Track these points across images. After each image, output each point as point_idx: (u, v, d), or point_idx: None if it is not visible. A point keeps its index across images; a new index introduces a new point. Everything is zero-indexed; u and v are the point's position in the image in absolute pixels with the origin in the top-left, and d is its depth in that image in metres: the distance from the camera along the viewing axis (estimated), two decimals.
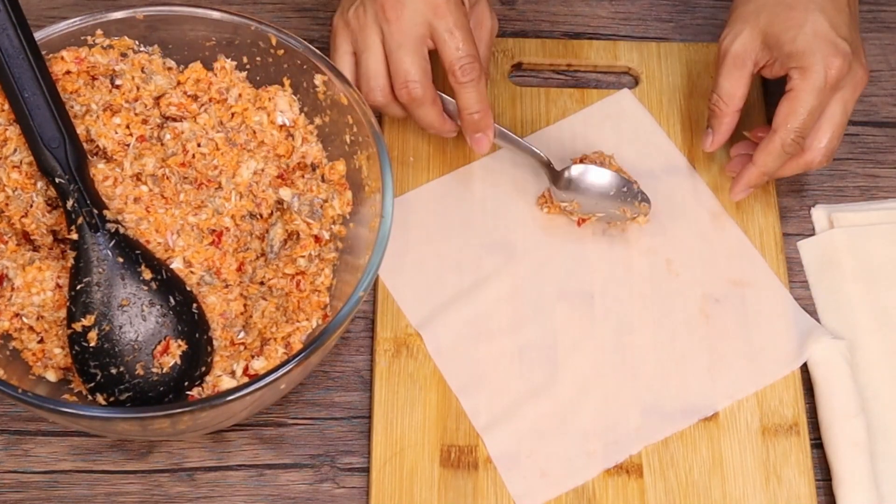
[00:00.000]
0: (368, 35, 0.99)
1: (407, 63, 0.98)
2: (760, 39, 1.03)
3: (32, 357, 0.95)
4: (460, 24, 0.98)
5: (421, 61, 0.99)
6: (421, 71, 0.99)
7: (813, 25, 1.01)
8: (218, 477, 0.99)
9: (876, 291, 1.07)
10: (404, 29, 0.98)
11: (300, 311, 0.96)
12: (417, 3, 0.97)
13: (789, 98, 1.01)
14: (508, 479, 0.98)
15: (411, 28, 0.98)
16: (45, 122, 0.93)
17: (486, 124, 1.03)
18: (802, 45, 1.00)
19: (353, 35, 1.00)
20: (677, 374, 1.02)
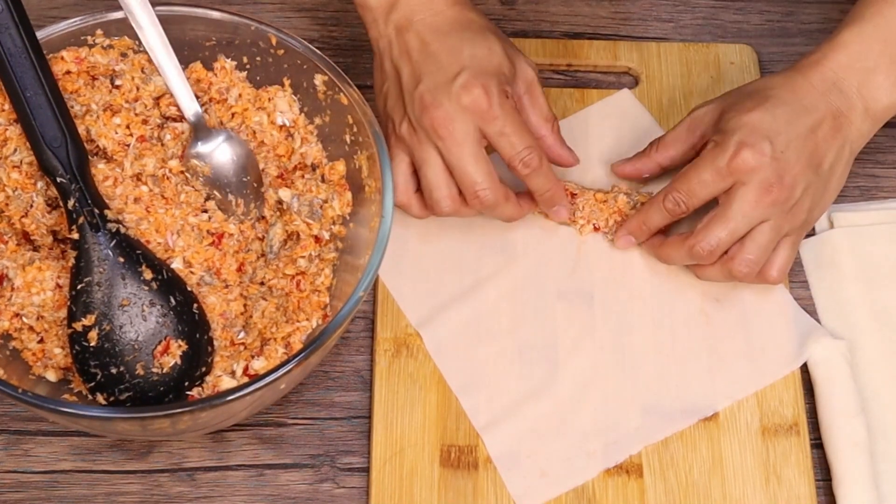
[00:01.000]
0: (425, 150, 1.00)
1: (471, 173, 0.99)
2: (719, 112, 1.02)
3: (32, 357, 0.95)
4: (509, 121, 0.99)
5: (484, 166, 1.00)
6: (486, 176, 1.00)
7: (757, 117, 0.99)
8: (218, 477, 0.99)
9: (876, 291, 1.07)
10: (459, 142, 0.99)
11: (300, 311, 0.96)
12: (465, 115, 0.98)
13: (690, 164, 1.01)
14: (508, 479, 0.98)
15: (465, 138, 0.99)
16: (47, 121, 0.93)
17: (559, 198, 1.05)
18: (733, 126, 0.99)
19: (408, 149, 1.01)
20: (677, 374, 1.02)
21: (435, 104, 0.98)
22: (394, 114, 1.02)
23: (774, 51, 1.18)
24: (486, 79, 0.98)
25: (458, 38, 1.00)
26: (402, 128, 1.01)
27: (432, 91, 0.99)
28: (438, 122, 0.98)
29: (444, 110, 0.98)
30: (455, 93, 0.98)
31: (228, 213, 0.99)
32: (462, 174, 0.99)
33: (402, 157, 1.02)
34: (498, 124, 0.98)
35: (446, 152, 0.99)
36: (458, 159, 0.99)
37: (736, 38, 1.19)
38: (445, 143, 0.98)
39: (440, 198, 1.01)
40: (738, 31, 1.20)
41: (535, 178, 1.01)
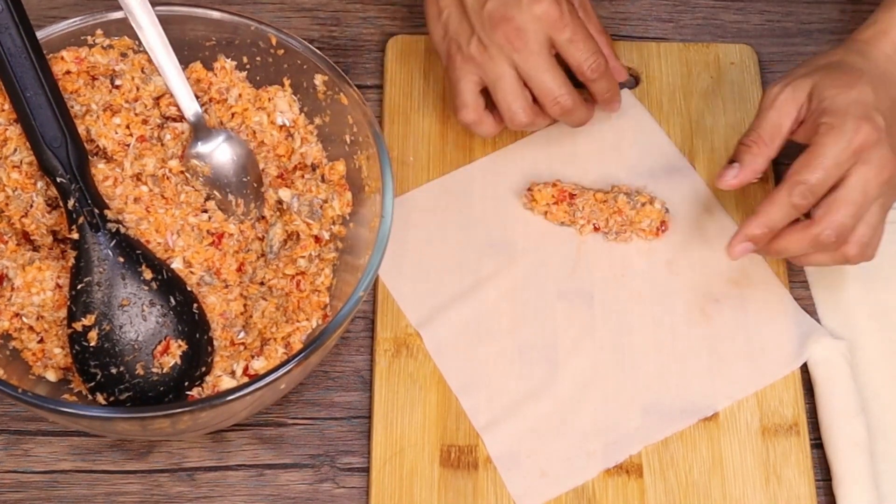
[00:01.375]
0: (498, 65, 1.02)
1: (549, 82, 1.02)
2: (808, 91, 0.99)
3: (32, 357, 0.95)
4: (578, 29, 1.02)
5: (559, 75, 1.03)
6: (563, 83, 1.03)
7: (858, 92, 0.97)
8: (218, 477, 0.99)
9: (876, 291, 1.07)
10: (534, 51, 1.01)
11: (300, 311, 0.96)
12: (536, 24, 1.01)
13: (808, 151, 0.97)
14: (508, 479, 0.98)
15: (539, 48, 1.02)
16: (47, 121, 0.93)
17: (617, 92, 1.08)
18: (841, 104, 0.97)
19: (478, 68, 1.03)
20: (677, 374, 1.02)
21: (507, 17, 1.00)
22: (459, 36, 1.03)
23: (774, 51, 1.18)
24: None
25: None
26: (472, 47, 1.02)
27: (502, 6, 1.01)
28: (512, 34, 1.00)
29: (517, 22, 1.00)
30: (526, 5, 1.00)
31: (228, 213, 0.99)
32: (540, 83, 1.02)
33: (470, 77, 1.03)
34: (568, 32, 1.01)
35: (522, 62, 1.01)
36: (534, 69, 1.02)
37: (736, 38, 1.19)
38: (521, 54, 1.01)
39: (518, 108, 1.03)
40: (738, 31, 1.20)
41: (601, 81, 1.05)
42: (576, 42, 1.02)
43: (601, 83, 1.05)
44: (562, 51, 1.03)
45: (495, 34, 1.01)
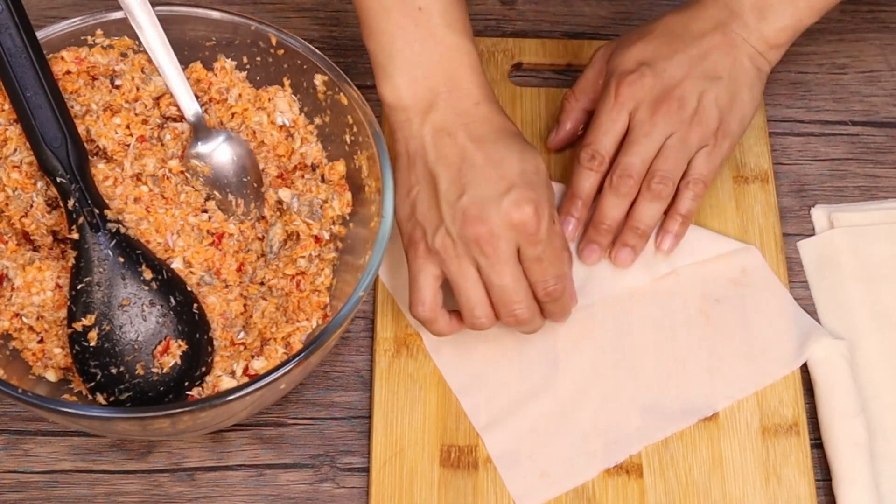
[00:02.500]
0: (464, 264, 0.95)
1: (510, 292, 0.96)
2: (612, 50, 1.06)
3: (32, 357, 0.95)
4: (549, 249, 0.96)
5: (523, 286, 0.96)
6: (525, 294, 0.96)
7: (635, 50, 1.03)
8: (218, 477, 0.99)
9: (876, 291, 1.07)
10: (503, 260, 0.94)
11: (300, 311, 0.96)
12: (511, 233, 0.94)
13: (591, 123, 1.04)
14: (508, 479, 0.98)
15: (508, 257, 0.95)
16: (47, 121, 0.93)
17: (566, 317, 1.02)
18: (615, 65, 1.04)
19: (442, 262, 0.95)
20: (677, 374, 1.02)
21: (481, 218, 0.93)
22: (426, 222, 0.96)
23: None
24: (538, 198, 0.94)
25: (504, 148, 0.95)
26: (437, 239, 0.95)
27: (479, 204, 0.94)
28: (484, 238, 0.93)
29: (491, 226, 0.93)
30: (505, 209, 0.93)
31: (228, 213, 0.99)
32: (501, 292, 0.96)
33: (431, 270, 0.97)
34: (539, 249, 0.95)
35: (488, 268, 0.95)
36: (499, 277, 0.95)
37: None
38: (489, 259, 0.94)
39: (481, 315, 0.97)
40: None
41: (552, 307, 0.99)
42: (541, 262, 0.95)
43: (552, 307, 0.99)
44: (525, 263, 0.95)
45: (466, 232, 0.94)
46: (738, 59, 1.02)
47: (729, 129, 1.02)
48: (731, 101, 1.02)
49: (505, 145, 0.96)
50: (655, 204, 1.03)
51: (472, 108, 0.96)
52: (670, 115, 1.01)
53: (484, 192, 0.94)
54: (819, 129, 1.15)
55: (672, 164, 1.02)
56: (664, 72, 1.02)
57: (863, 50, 1.19)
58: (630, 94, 1.02)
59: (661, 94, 1.01)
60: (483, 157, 0.95)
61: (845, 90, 1.17)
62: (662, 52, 1.02)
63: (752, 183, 1.11)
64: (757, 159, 1.12)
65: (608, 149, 1.03)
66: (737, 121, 1.03)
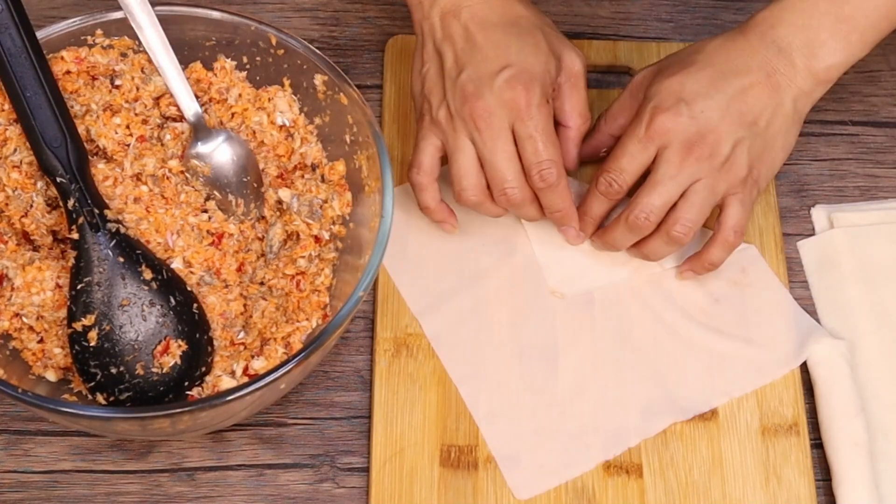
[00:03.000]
0: (460, 138, 0.99)
1: (502, 169, 0.99)
2: (651, 78, 1.03)
3: (32, 357, 0.95)
4: (541, 127, 0.98)
5: (515, 165, 0.99)
6: (517, 174, 0.99)
7: (673, 82, 1.00)
8: (218, 477, 0.99)
9: (876, 291, 1.07)
10: (495, 135, 0.98)
11: (300, 311, 0.96)
12: (503, 109, 0.98)
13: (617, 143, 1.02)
14: (506, 471, 0.98)
15: (500, 133, 0.98)
16: (47, 121, 0.93)
17: (570, 219, 1.04)
18: (651, 94, 1.01)
19: (442, 134, 1.01)
20: (677, 374, 1.02)
21: (476, 95, 0.98)
22: (431, 96, 1.01)
23: None
24: (530, 78, 0.98)
25: (504, 32, 1.00)
26: (440, 112, 1.00)
27: (475, 81, 0.98)
28: (478, 113, 0.98)
29: (485, 102, 0.98)
30: (498, 87, 0.98)
31: (228, 213, 0.99)
32: (493, 169, 0.99)
33: (432, 140, 1.01)
34: (530, 126, 0.98)
35: (481, 144, 0.99)
36: (491, 153, 0.99)
37: None
38: (482, 135, 0.98)
39: (468, 186, 1.00)
40: None
41: (549, 194, 1.01)
42: (533, 139, 0.98)
43: (550, 196, 1.01)
44: (519, 144, 0.99)
45: (463, 108, 0.99)
46: (780, 103, 0.99)
47: (758, 177, 1.01)
48: (764, 150, 1.00)
49: (508, 29, 1.00)
50: (672, 247, 1.02)
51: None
52: (701, 161, 0.98)
53: (480, 71, 0.99)
54: (819, 129, 1.15)
55: (696, 213, 1.00)
56: (701, 113, 0.98)
57: None
58: (663, 130, 0.98)
59: (695, 136, 0.98)
60: (483, 38, 1.00)
61: (845, 90, 1.17)
62: (702, 91, 0.99)
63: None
64: None
65: (628, 180, 1.01)
66: (766, 168, 1.01)
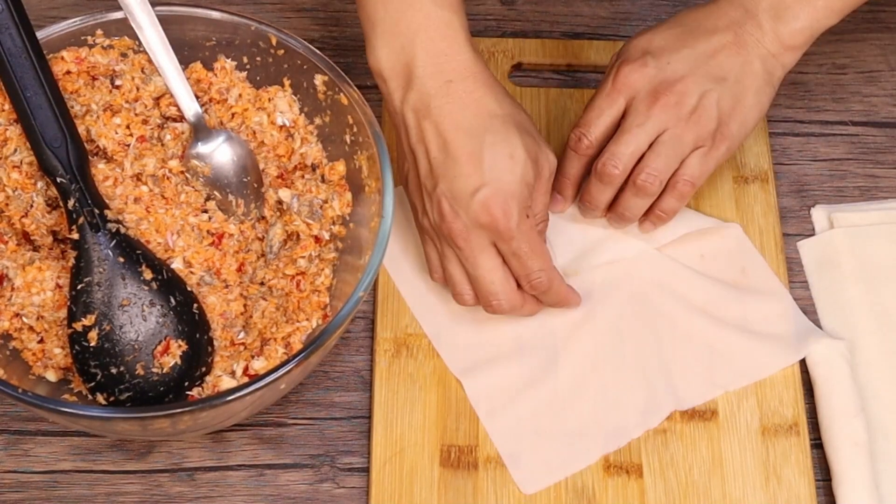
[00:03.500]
0: (446, 248, 0.99)
1: (487, 284, 0.98)
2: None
3: (32, 357, 0.95)
4: (524, 243, 0.97)
5: (499, 276, 0.98)
6: (501, 285, 0.98)
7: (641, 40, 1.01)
8: (218, 477, 0.99)
9: (876, 291, 1.07)
10: (476, 254, 0.97)
11: (300, 311, 0.96)
12: (481, 231, 0.96)
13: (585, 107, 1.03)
14: (511, 465, 0.98)
15: (481, 251, 0.97)
16: (47, 121, 0.93)
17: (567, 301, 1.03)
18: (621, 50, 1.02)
19: (431, 239, 1.00)
20: (676, 374, 1.02)
21: (452, 215, 0.96)
22: (415, 201, 1.00)
23: None
24: (506, 198, 0.95)
25: (478, 140, 0.95)
26: (424, 221, 1.00)
27: (450, 200, 0.96)
28: (456, 233, 0.96)
29: (462, 223, 0.96)
30: (474, 210, 0.95)
31: (228, 213, 0.99)
32: (478, 283, 0.99)
33: (430, 244, 1.01)
34: (513, 245, 0.97)
35: (464, 260, 0.98)
36: (473, 268, 0.98)
37: None
38: (463, 252, 0.97)
39: (462, 293, 1.00)
40: None
41: (545, 297, 1.01)
42: (519, 256, 0.97)
43: (546, 298, 1.01)
44: (506, 259, 0.98)
45: (441, 227, 0.97)
46: (748, 61, 1.00)
47: (728, 133, 1.00)
48: (734, 105, 1.00)
49: (483, 138, 0.95)
50: (641, 199, 1.02)
51: (445, 87, 0.95)
52: (667, 109, 0.99)
53: (455, 188, 0.95)
54: (819, 129, 1.15)
55: (662, 162, 1.00)
56: (667, 64, 1.00)
57: (863, 50, 1.19)
58: (629, 81, 1.00)
59: (661, 85, 0.99)
60: (458, 149, 0.95)
61: (845, 90, 1.17)
62: (669, 45, 1.01)
63: (752, 183, 1.11)
64: (757, 159, 1.12)
65: (597, 134, 1.01)
66: (737, 125, 1.01)
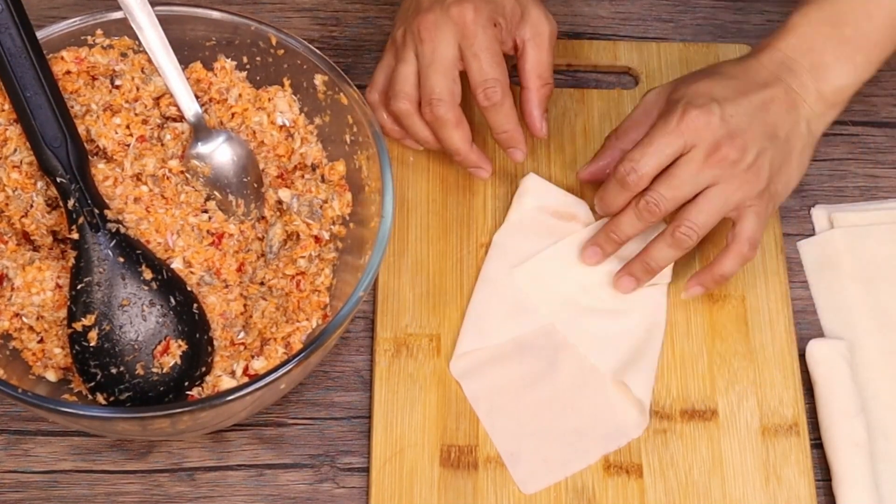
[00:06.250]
0: (406, 51, 1.02)
1: (433, 81, 1.00)
2: (668, 92, 1.02)
3: (32, 357, 0.95)
4: (485, 46, 1.00)
5: (449, 82, 1.01)
6: (447, 91, 1.01)
7: (701, 85, 0.99)
8: (218, 477, 0.99)
9: (876, 291, 1.07)
10: (436, 49, 1.00)
11: (300, 311, 0.96)
12: (448, 24, 1.00)
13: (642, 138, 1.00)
14: (511, 465, 0.98)
15: (442, 48, 1.00)
16: (47, 121, 0.93)
17: (517, 140, 1.04)
18: (680, 95, 0.99)
19: (395, 52, 1.03)
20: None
21: (428, 9, 1.00)
22: (397, 22, 1.04)
23: None
24: (480, 1, 1.00)
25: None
26: (397, 32, 1.03)
27: (430, 2, 1.01)
28: (424, 24, 1.00)
29: (434, 15, 1.00)
30: (448, 4, 1.00)
31: (229, 213, 0.99)
32: (426, 79, 1.01)
33: (387, 60, 1.04)
34: (474, 45, 1.00)
35: (421, 56, 1.01)
36: (428, 64, 1.00)
37: (736, 38, 1.19)
38: (424, 46, 1.00)
39: (401, 91, 1.02)
40: (738, 31, 1.20)
41: (495, 112, 1.02)
42: (478, 58, 1.00)
43: (496, 115, 1.01)
44: (465, 63, 1.01)
45: (413, 21, 1.01)
46: (796, 121, 1.00)
47: (774, 192, 1.00)
48: (782, 165, 1.00)
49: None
50: (674, 251, 1.01)
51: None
52: (724, 163, 0.97)
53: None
54: None
55: (705, 218, 0.99)
56: (731, 117, 0.97)
57: None
58: (695, 126, 0.97)
59: (724, 138, 0.97)
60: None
61: None
62: (730, 96, 0.98)
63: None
64: None
65: (649, 171, 0.98)
66: (783, 185, 1.00)
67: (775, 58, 1.01)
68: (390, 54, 1.04)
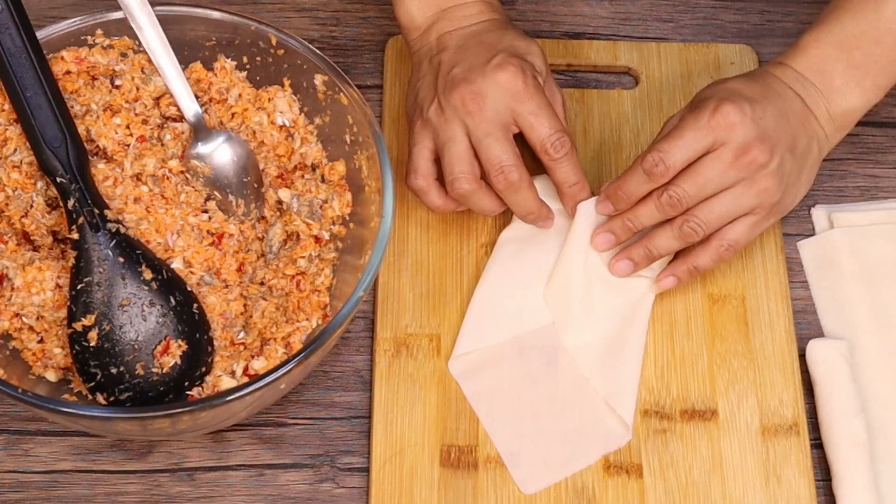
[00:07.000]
0: (452, 128, 0.98)
1: (498, 150, 0.98)
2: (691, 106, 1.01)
3: (32, 357, 0.95)
4: (543, 104, 0.98)
5: (511, 147, 0.99)
6: (514, 156, 0.98)
7: (730, 83, 0.99)
8: (218, 477, 0.99)
9: (876, 291, 1.07)
10: (488, 118, 0.98)
11: (300, 311, 0.96)
12: (497, 92, 0.98)
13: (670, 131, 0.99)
14: (511, 465, 0.98)
15: (495, 116, 0.98)
16: (47, 121, 0.93)
17: (585, 194, 1.02)
18: (710, 92, 0.99)
19: (434, 132, 1.00)
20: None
21: (466, 80, 0.98)
22: (423, 101, 1.01)
23: (774, 51, 1.18)
24: (522, 61, 0.98)
25: (497, 34, 1.01)
26: (430, 110, 1.00)
27: (465, 71, 0.98)
28: (469, 96, 0.97)
29: (477, 86, 0.97)
30: (490, 71, 0.97)
31: (229, 213, 0.99)
32: (488, 151, 0.98)
33: (426, 143, 1.00)
34: (532, 105, 0.98)
35: (474, 127, 0.98)
36: (485, 135, 0.98)
37: (736, 38, 1.19)
38: (474, 118, 0.97)
39: (460, 173, 0.98)
40: (738, 31, 1.20)
41: (564, 165, 1.00)
42: (538, 116, 0.98)
43: (565, 167, 1.00)
44: (523, 124, 0.98)
45: (452, 96, 0.98)
46: (811, 139, 1.00)
47: (781, 207, 1.00)
48: (794, 179, 0.99)
49: (501, 32, 1.02)
50: (678, 242, 1.00)
51: (476, 15, 1.03)
52: (752, 166, 0.96)
53: (472, 63, 0.99)
54: None
55: (715, 219, 0.98)
56: (761, 119, 0.97)
57: None
58: (728, 122, 0.96)
59: (754, 140, 0.96)
60: (478, 43, 1.01)
61: None
62: (756, 96, 0.98)
63: None
64: None
65: (676, 164, 0.97)
66: (790, 199, 1.00)
67: (788, 74, 1.01)
68: (425, 136, 1.00)
